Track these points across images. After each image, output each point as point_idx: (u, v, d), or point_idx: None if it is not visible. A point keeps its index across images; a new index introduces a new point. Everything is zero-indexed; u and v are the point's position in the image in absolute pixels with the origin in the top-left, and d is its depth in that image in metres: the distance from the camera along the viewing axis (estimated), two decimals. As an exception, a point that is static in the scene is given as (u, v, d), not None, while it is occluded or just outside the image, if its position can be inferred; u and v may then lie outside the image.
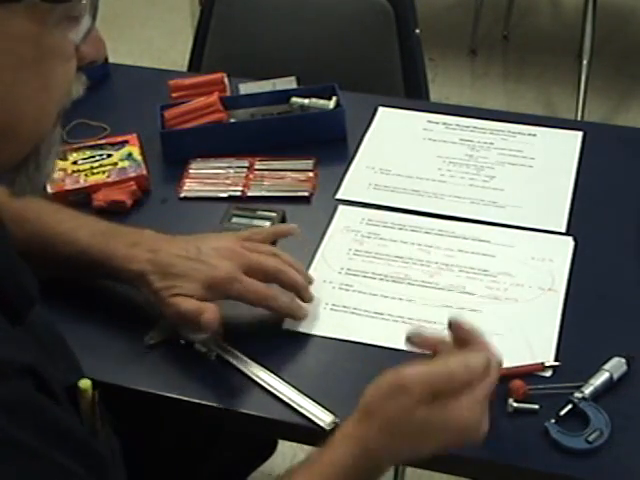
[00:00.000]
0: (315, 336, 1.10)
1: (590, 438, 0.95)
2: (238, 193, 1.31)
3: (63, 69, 0.71)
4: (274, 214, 1.25)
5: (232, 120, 1.41)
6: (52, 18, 0.67)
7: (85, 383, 0.93)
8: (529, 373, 1.03)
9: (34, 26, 0.66)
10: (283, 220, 1.25)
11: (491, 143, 1.39)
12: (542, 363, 1.04)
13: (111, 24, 3.33)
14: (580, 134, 1.40)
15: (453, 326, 0.92)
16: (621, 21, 3.39)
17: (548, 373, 1.03)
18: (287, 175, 1.34)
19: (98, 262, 1.04)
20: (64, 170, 1.32)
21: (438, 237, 1.22)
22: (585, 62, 2.80)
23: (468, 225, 1.24)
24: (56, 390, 0.72)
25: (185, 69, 1.85)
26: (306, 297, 1.07)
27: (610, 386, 1.01)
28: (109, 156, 1.36)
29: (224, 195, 1.31)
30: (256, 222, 1.24)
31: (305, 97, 1.42)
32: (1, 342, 0.67)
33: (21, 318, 0.74)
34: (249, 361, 1.06)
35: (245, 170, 1.35)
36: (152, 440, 1.07)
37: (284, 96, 1.43)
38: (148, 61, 3.13)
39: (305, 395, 1.02)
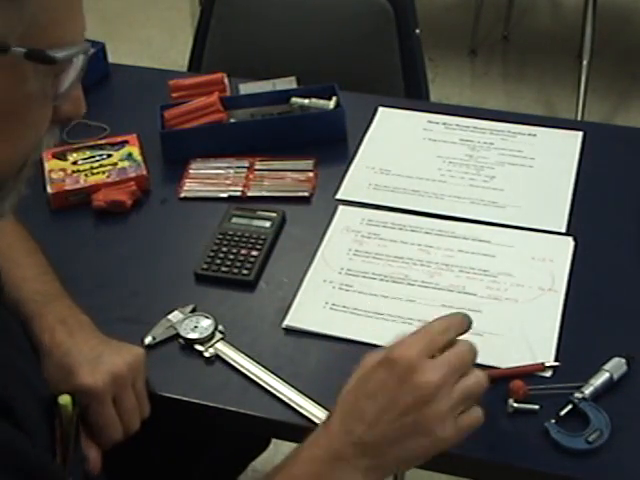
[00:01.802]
0: (315, 336, 1.10)
1: (590, 438, 0.95)
2: (238, 193, 1.31)
3: (36, 125, 0.70)
4: (274, 214, 1.25)
5: (232, 120, 1.41)
6: (34, 75, 0.66)
7: (65, 399, 0.92)
8: (529, 373, 1.03)
9: (13, 81, 0.65)
10: (283, 220, 1.25)
11: (491, 143, 1.39)
12: (542, 363, 1.04)
13: (111, 24, 3.34)
14: (580, 134, 1.40)
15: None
16: (621, 21, 3.39)
17: (548, 373, 1.03)
18: (287, 175, 1.34)
19: (27, 316, 1.01)
20: (64, 170, 1.32)
21: (438, 237, 1.22)
22: (585, 62, 2.80)
23: (468, 225, 1.24)
24: (29, 417, 0.72)
25: (185, 69, 1.85)
26: None
27: (610, 386, 1.01)
28: (109, 156, 1.36)
29: (224, 195, 1.31)
30: (256, 222, 1.24)
31: (305, 97, 1.42)
32: None
33: None
34: (249, 361, 1.06)
35: (245, 170, 1.35)
36: (151, 439, 1.07)
37: (284, 96, 1.43)
38: (148, 61, 3.13)
39: (305, 395, 1.02)
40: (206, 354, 1.07)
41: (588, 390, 0.99)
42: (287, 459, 0.84)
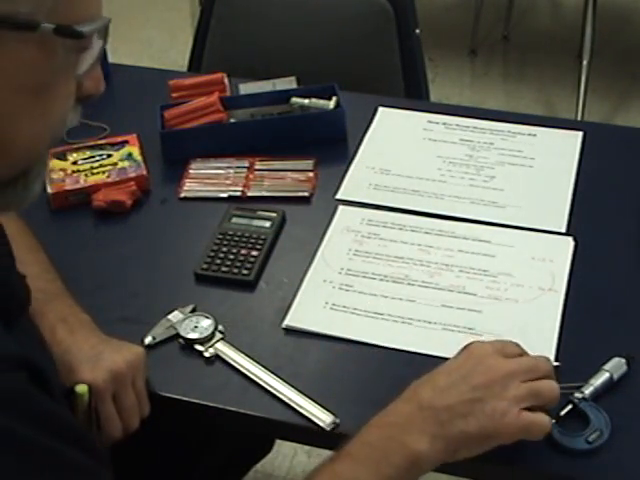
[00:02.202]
0: (315, 336, 1.10)
1: (590, 438, 0.95)
2: (238, 193, 1.31)
3: (62, 100, 0.71)
4: (274, 214, 1.25)
5: (232, 120, 1.41)
6: (62, 51, 0.68)
7: (82, 388, 0.94)
8: (529, 373, 1.03)
9: (43, 57, 0.67)
10: (283, 220, 1.25)
11: (491, 143, 1.39)
12: (542, 363, 1.04)
13: (111, 24, 3.33)
14: (580, 134, 1.40)
15: None
16: (621, 21, 3.39)
17: (548, 373, 1.03)
18: (287, 175, 1.34)
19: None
20: (64, 170, 1.32)
21: (438, 237, 1.22)
22: (585, 62, 2.80)
23: (468, 225, 1.24)
24: (54, 385, 0.73)
25: (185, 69, 1.85)
26: None
27: (610, 386, 1.01)
28: (109, 156, 1.36)
29: (224, 195, 1.31)
30: (256, 222, 1.24)
31: (305, 97, 1.42)
32: None
33: (11, 320, 0.74)
34: (249, 361, 1.06)
35: (245, 170, 1.35)
36: (151, 439, 1.07)
37: (284, 96, 1.43)
38: (148, 61, 3.13)
39: (305, 395, 1.02)
40: (206, 354, 1.07)
41: (588, 390, 0.99)
42: (361, 429, 0.88)
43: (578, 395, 0.99)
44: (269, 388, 1.03)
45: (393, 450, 0.85)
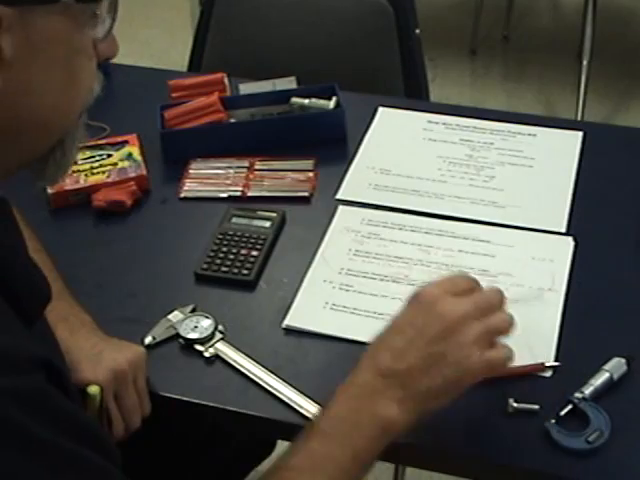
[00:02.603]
0: (315, 336, 1.10)
1: (590, 438, 0.95)
2: (238, 193, 1.31)
3: (88, 65, 0.75)
4: (274, 214, 1.25)
5: (232, 120, 1.41)
6: (83, 18, 0.71)
7: (94, 389, 0.94)
8: (529, 373, 1.03)
9: (67, 26, 0.70)
10: (283, 220, 1.25)
11: (491, 143, 1.39)
12: (542, 363, 1.04)
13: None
14: (580, 134, 1.40)
15: None
16: (621, 22, 3.39)
17: (548, 373, 1.03)
18: (287, 175, 1.34)
19: None
20: (64, 170, 1.32)
21: (438, 237, 1.22)
22: (585, 62, 2.80)
23: (468, 225, 1.24)
24: (70, 385, 0.74)
25: (185, 69, 1.84)
26: None
27: (610, 386, 1.01)
28: (109, 156, 1.36)
29: (224, 195, 1.31)
30: (256, 222, 1.24)
31: (305, 97, 1.42)
32: (14, 337, 0.68)
33: (33, 317, 0.76)
34: (249, 361, 1.06)
35: (245, 170, 1.35)
36: (151, 439, 1.07)
37: (284, 96, 1.43)
38: (148, 61, 3.13)
39: (305, 395, 1.02)
40: (206, 354, 1.07)
41: (588, 390, 0.99)
42: (327, 402, 0.86)
43: (578, 395, 0.99)
44: (269, 388, 1.03)
45: (363, 422, 0.84)
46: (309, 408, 1.00)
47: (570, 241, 1.21)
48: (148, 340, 1.09)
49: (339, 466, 0.82)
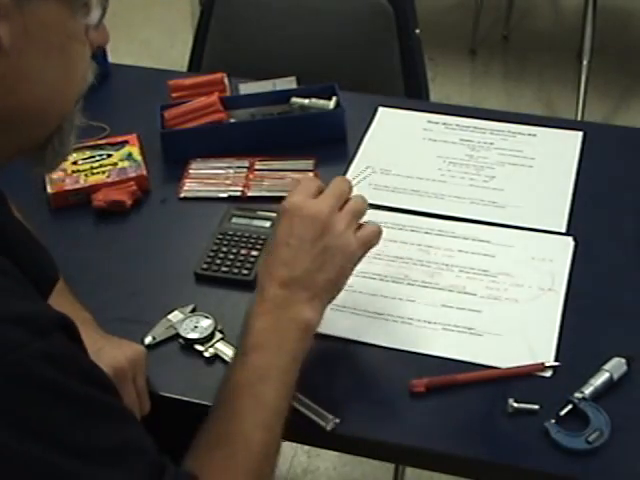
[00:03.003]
0: (315, 336, 1.10)
1: (590, 438, 0.95)
2: (238, 193, 1.31)
3: (82, 53, 0.77)
4: (274, 214, 1.25)
5: (232, 120, 1.41)
6: (76, 5, 0.73)
7: None
8: (529, 373, 1.03)
9: (62, 12, 0.72)
10: (283, 220, 1.25)
11: (491, 143, 1.39)
12: (542, 363, 1.04)
13: (111, 24, 3.32)
14: (580, 134, 1.40)
15: None
16: (621, 21, 3.39)
17: (548, 373, 1.03)
18: (287, 175, 1.34)
19: None
20: (64, 170, 1.32)
21: (438, 237, 1.22)
22: (585, 62, 2.80)
23: (468, 225, 1.24)
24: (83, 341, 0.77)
25: (185, 69, 1.84)
26: None
27: (610, 386, 1.01)
28: (109, 156, 1.36)
29: (224, 195, 1.31)
30: (256, 222, 1.24)
31: (305, 97, 1.42)
32: (35, 301, 0.72)
33: (42, 296, 0.80)
34: (249, 361, 1.06)
35: (245, 170, 1.35)
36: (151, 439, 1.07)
37: (284, 96, 1.43)
38: (148, 61, 3.13)
39: (305, 395, 1.02)
40: (206, 354, 1.07)
41: (588, 390, 0.99)
42: (242, 331, 0.94)
43: (578, 395, 0.99)
44: (269, 388, 1.03)
45: (286, 328, 0.93)
46: (309, 408, 1.00)
47: (570, 241, 1.21)
48: (148, 340, 1.09)
49: (282, 371, 0.91)
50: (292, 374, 0.92)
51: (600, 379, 1.00)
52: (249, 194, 1.31)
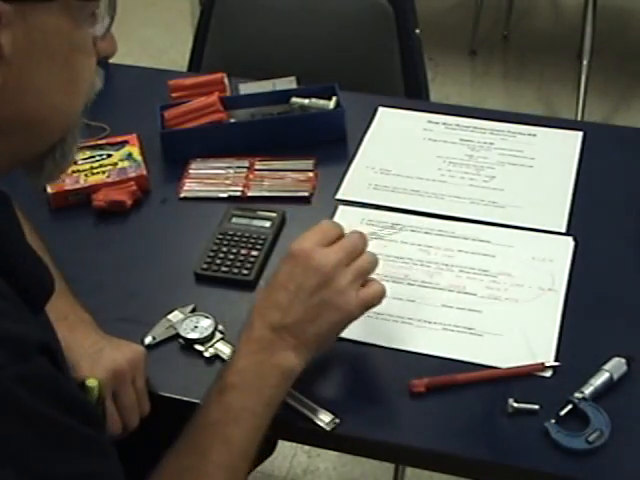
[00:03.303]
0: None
1: (590, 438, 0.95)
2: (238, 193, 1.31)
3: (88, 63, 0.76)
4: (274, 214, 1.25)
5: (232, 120, 1.41)
6: (82, 15, 0.72)
7: (92, 382, 0.94)
8: (529, 373, 1.03)
9: (67, 22, 0.71)
10: (283, 220, 1.25)
11: (491, 143, 1.39)
12: (542, 363, 1.04)
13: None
14: (580, 134, 1.40)
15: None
16: (621, 21, 3.39)
17: (548, 373, 1.03)
18: (287, 175, 1.34)
19: None
20: (64, 170, 1.32)
21: (438, 237, 1.22)
22: (585, 62, 2.80)
23: (468, 225, 1.24)
24: (64, 366, 0.77)
25: (185, 69, 1.84)
26: None
27: (610, 386, 1.01)
28: (109, 156, 1.36)
29: (224, 195, 1.31)
30: (256, 222, 1.24)
31: (305, 97, 1.42)
32: (19, 322, 0.70)
33: (37, 308, 0.78)
34: (249, 361, 1.06)
35: (245, 170, 1.35)
36: (151, 439, 1.07)
37: (284, 96, 1.43)
38: (148, 61, 3.13)
39: (305, 395, 1.02)
40: (206, 354, 1.07)
41: (588, 390, 0.99)
42: (228, 361, 0.95)
43: (578, 395, 0.99)
44: (269, 388, 1.03)
45: (268, 373, 0.93)
46: (309, 408, 1.00)
47: (570, 241, 1.21)
48: (148, 340, 1.09)
49: (254, 415, 0.91)
50: (265, 419, 0.92)
51: (600, 379, 1.00)
52: (249, 194, 1.31)
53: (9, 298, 0.71)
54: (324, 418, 0.99)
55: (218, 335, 1.09)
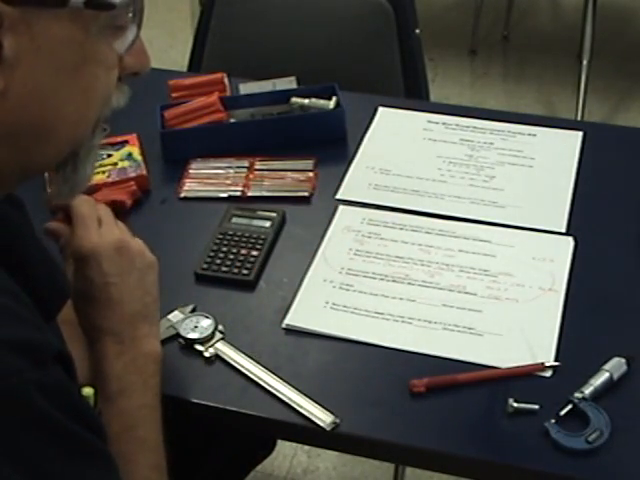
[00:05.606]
0: (315, 336, 1.10)
1: (590, 438, 0.95)
2: (238, 193, 1.31)
3: (104, 77, 0.74)
4: (274, 214, 1.25)
5: (232, 120, 1.41)
6: (95, 26, 0.69)
7: (88, 391, 0.94)
8: (529, 373, 1.03)
9: (77, 32, 0.69)
10: (283, 220, 1.25)
11: (491, 143, 1.39)
12: (542, 363, 1.04)
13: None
14: (580, 134, 1.40)
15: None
16: (621, 21, 3.39)
17: (548, 373, 1.03)
18: (287, 175, 1.34)
19: None
20: (64, 170, 1.32)
21: (438, 237, 1.22)
22: (585, 62, 2.80)
23: (468, 225, 1.24)
24: (75, 374, 0.76)
25: (185, 69, 1.84)
26: None
27: (610, 386, 1.01)
28: (109, 156, 1.36)
29: (224, 195, 1.31)
30: (256, 222, 1.24)
31: (305, 97, 1.42)
32: (37, 330, 0.70)
33: (52, 314, 0.78)
34: (249, 361, 1.06)
35: (245, 170, 1.35)
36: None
37: (284, 96, 1.43)
38: (148, 61, 3.12)
39: (305, 395, 1.02)
40: (206, 354, 1.07)
41: (588, 390, 0.99)
42: (98, 376, 0.94)
43: (578, 395, 0.99)
44: (269, 388, 1.03)
45: (144, 366, 0.94)
46: (309, 408, 1.00)
47: (570, 241, 1.21)
48: (148, 340, 1.09)
49: (152, 408, 0.92)
50: (159, 409, 0.93)
51: (600, 379, 1.00)
52: (249, 194, 1.31)
53: (27, 304, 0.71)
54: (324, 418, 0.99)
55: (218, 335, 1.09)
